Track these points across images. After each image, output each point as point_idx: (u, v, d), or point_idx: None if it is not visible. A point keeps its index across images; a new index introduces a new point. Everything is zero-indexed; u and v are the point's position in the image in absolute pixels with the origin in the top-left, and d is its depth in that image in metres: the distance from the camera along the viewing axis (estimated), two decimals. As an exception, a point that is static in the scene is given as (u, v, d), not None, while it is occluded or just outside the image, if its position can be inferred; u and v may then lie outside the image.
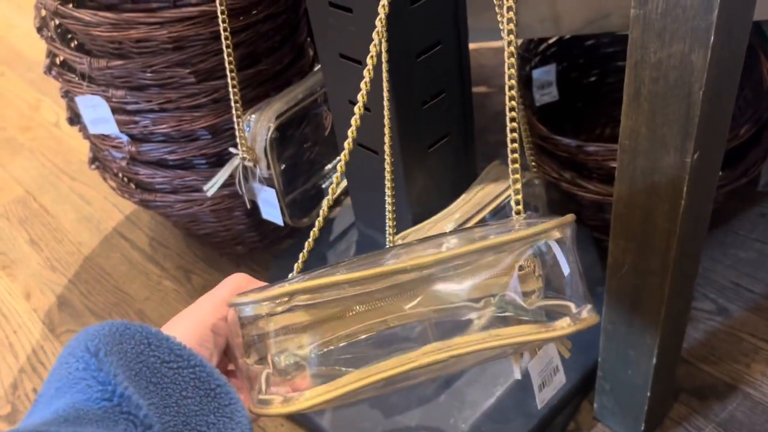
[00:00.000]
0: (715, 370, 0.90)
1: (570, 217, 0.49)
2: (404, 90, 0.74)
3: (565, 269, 0.47)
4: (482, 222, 0.80)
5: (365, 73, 0.61)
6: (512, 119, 0.58)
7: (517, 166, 0.57)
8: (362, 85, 0.61)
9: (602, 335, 0.77)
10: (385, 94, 0.72)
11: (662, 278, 0.66)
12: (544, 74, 1.09)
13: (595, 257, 1.01)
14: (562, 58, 1.15)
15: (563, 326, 0.46)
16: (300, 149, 1.07)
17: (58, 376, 0.34)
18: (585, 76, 1.21)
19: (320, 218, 0.63)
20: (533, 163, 0.87)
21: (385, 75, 0.70)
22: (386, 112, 0.73)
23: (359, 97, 0.61)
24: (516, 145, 0.57)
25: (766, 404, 0.85)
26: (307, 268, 0.54)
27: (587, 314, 0.48)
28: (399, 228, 0.90)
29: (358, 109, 0.61)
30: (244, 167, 0.95)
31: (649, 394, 0.77)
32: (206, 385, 0.38)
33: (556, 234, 0.47)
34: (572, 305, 0.48)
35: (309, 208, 1.07)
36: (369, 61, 0.62)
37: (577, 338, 0.90)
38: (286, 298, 0.42)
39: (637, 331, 0.73)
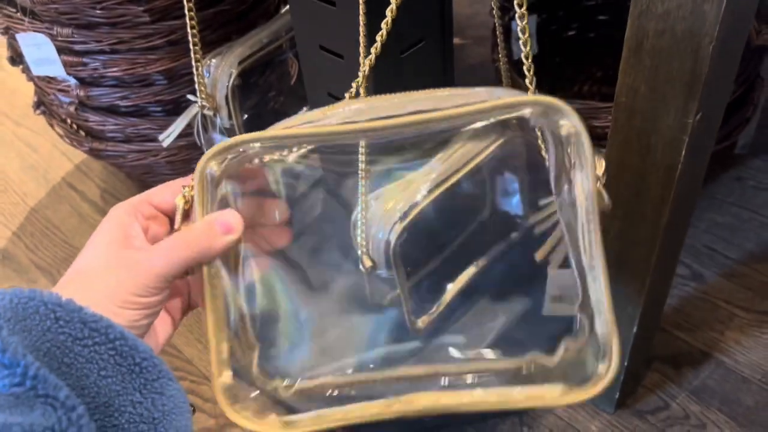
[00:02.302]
0: (689, 338, 0.88)
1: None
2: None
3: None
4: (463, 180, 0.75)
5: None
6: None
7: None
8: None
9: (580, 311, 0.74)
10: (362, 39, 0.66)
11: (650, 248, 0.62)
12: (524, 26, 1.03)
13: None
14: (542, 8, 1.09)
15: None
16: (263, 99, 1.00)
17: None
18: (564, 29, 1.15)
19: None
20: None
21: (361, 18, 0.64)
22: (362, 60, 0.67)
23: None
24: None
25: (739, 372, 0.84)
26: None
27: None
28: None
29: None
30: (203, 116, 0.88)
31: (626, 364, 0.75)
32: (129, 360, 0.33)
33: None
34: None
35: (273, 161, 1.01)
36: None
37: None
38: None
39: (619, 301, 0.69)
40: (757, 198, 1.03)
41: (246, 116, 0.95)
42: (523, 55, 0.47)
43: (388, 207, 0.71)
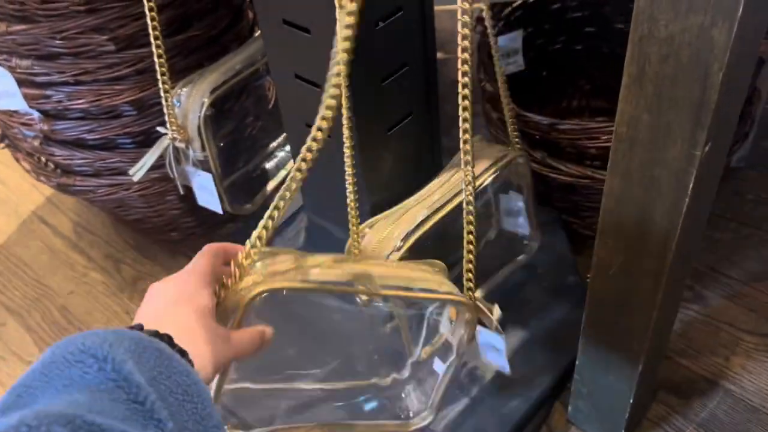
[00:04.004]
0: (693, 365, 0.84)
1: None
2: (362, 63, 0.64)
3: None
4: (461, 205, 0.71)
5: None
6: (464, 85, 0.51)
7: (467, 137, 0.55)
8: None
9: (582, 339, 0.70)
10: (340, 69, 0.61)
11: (656, 282, 0.58)
12: (510, 41, 0.99)
13: (564, 243, 0.93)
14: (528, 23, 1.05)
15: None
16: (240, 125, 0.95)
17: (61, 375, 0.32)
18: (551, 42, 1.11)
19: (276, 211, 0.52)
20: (516, 140, 0.78)
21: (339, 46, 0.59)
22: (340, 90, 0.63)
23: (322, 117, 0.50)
24: (467, 114, 0.54)
25: (747, 401, 0.80)
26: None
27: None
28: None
29: (316, 131, 0.51)
30: (175, 148, 0.83)
31: (632, 400, 0.70)
32: (207, 423, 0.36)
33: None
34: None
35: (252, 191, 0.96)
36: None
37: (550, 338, 0.83)
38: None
39: (623, 336, 0.65)
40: (757, 212, 0.99)
41: (222, 144, 0.90)
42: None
43: (383, 235, 0.67)
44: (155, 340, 0.37)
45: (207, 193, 0.85)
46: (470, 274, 0.62)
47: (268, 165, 0.98)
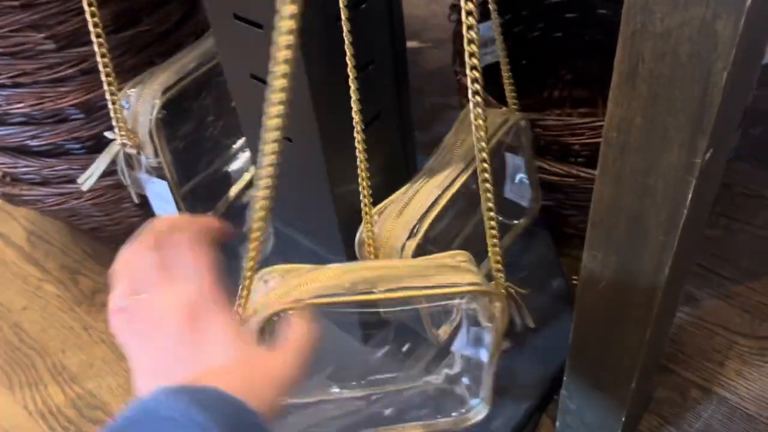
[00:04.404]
0: (686, 371, 0.80)
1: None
2: (322, 61, 0.58)
3: None
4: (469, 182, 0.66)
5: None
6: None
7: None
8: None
9: (570, 355, 0.64)
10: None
11: (650, 298, 0.53)
12: (487, 30, 0.93)
13: (548, 244, 0.88)
14: (505, 9, 0.99)
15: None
16: (200, 125, 0.89)
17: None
18: (529, 30, 1.06)
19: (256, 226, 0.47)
20: (514, 103, 0.74)
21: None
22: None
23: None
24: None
25: (743, 409, 0.76)
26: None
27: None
28: (321, 236, 0.74)
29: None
30: (127, 154, 0.76)
31: (623, 418, 0.65)
32: None
33: None
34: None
35: (214, 196, 0.89)
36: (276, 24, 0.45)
37: (535, 346, 0.78)
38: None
39: (615, 353, 0.60)
40: (747, 206, 0.95)
41: (180, 146, 0.84)
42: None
43: (396, 222, 0.62)
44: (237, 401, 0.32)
45: (163, 202, 0.79)
46: (498, 257, 0.56)
47: (232, 167, 0.91)
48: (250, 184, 0.89)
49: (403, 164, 0.74)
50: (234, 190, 0.88)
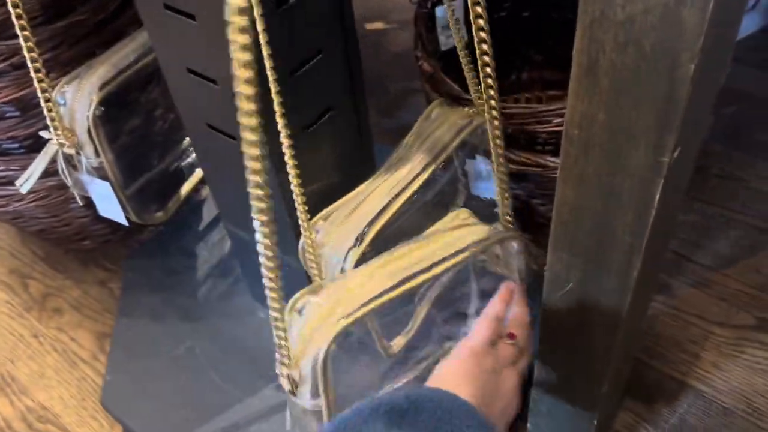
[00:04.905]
0: (660, 364, 0.77)
1: None
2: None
3: None
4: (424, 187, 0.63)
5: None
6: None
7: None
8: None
9: (538, 358, 0.61)
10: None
11: (619, 300, 0.50)
12: (446, 13, 0.88)
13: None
14: (469, -12, 0.95)
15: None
16: (148, 119, 0.84)
17: None
18: (495, 10, 1.01)
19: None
20: (480, 102, 0.69)
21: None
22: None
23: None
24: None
25: (720, 402, 0.73)
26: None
27: None
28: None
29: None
30: (66, 154, 0.71)
31: (596, 422, 0.63)
32: None
33: None
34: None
35: (166, 194, 0.85)
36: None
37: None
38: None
39: (584, 357, 0.57)
40: (723, 189, 0.92)
41: (126, 142, 0.79)
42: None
43: (342, 228, 0.58)
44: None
45: (107, 203, 0.74)
46: (506, 201, 0.63)
47: (184, 163, 0.87)
48: (202, 181, 0.85)
49: (358, 159, 0.69)
50: (185, 188, 0.84)
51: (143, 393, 0.76)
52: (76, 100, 0.68)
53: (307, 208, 0.54)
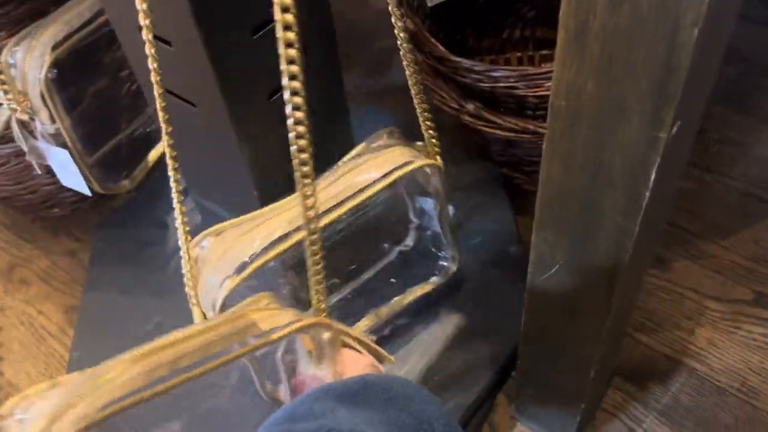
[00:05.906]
0: (653, 341, 0.74)
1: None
2: (222, 12, 0.48)
3: None
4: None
5: None
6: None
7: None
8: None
9: (523, 342, 0.58)
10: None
11: (609, 282, 0.46)
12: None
13: (505, 206, 0.80)
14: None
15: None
16: (115, 80, 0.79)
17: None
18: (486, -38, 0.95)
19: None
20: (432, 140, 0.60)
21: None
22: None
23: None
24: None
25: (714, 381, 0.70)
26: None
27: None
28: (241, 205, 0.66)
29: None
30: (20, 120, 0.66)
31: (583, 405, 0.59)
32: None
33: None
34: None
35: (134, 162, 0.80)
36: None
37: (490, 321, 0.71)
38: None
39: (572, 341, 0.53)
40: (723, 155, 0.87)
41: (90, 107, 0.74)
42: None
43: (227, 250, 0.52)
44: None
45: (68, 172, 0.69)
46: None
47: (154, 127, 0.82)
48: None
49: (334, 133, 0.65)
50: (153, 154, 0.79)
51: (112, 370, 0.72)
52: (26, 62, 0.63)
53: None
